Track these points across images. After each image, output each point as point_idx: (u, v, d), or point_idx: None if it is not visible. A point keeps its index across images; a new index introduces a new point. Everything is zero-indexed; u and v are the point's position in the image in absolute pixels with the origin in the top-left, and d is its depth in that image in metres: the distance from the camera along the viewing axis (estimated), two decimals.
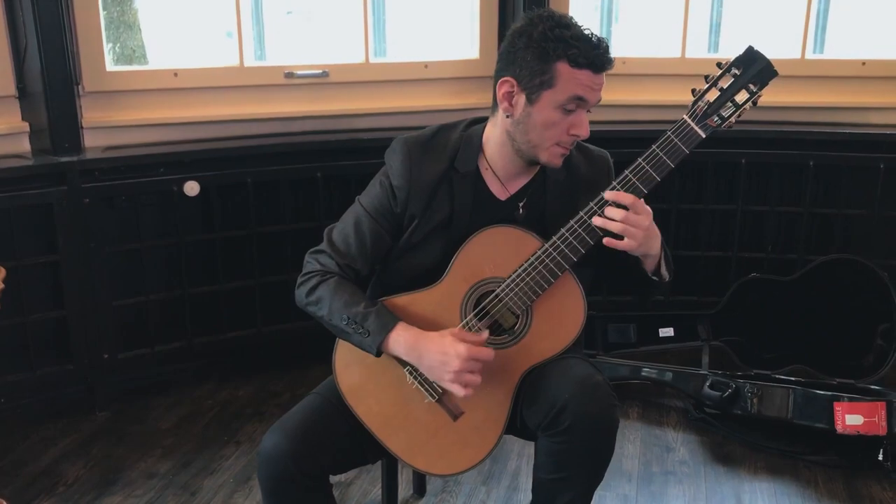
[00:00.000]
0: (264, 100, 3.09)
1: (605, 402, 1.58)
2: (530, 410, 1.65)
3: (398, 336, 1.63)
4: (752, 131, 3.22)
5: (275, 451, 1.64)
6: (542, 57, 1.59)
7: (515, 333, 1.68)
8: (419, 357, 1.62)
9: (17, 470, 2.58)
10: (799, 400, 2.65)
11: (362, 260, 1.74)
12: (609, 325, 3.21)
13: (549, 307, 1.67)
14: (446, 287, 1.69)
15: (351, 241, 1.74)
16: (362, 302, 1.67)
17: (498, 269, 1.67)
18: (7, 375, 2.76)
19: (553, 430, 1.59)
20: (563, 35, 1.58)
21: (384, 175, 1.76)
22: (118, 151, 2.86)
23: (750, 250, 3.32)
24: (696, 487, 2.52)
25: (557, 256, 1.63)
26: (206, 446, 2.71)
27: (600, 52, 1.60)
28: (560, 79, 1.59)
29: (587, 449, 1.59)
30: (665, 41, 3.41)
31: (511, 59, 1.63)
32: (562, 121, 1.63)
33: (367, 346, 1.65)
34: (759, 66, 1.63)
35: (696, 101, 1.64)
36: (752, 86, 1.64)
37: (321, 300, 1.69)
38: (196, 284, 2.99)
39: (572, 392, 1.57)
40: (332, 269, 1.72)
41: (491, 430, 1.68)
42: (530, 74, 1.61)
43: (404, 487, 2.48)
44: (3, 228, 2.66)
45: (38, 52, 2.64)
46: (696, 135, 1.62)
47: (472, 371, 1.59)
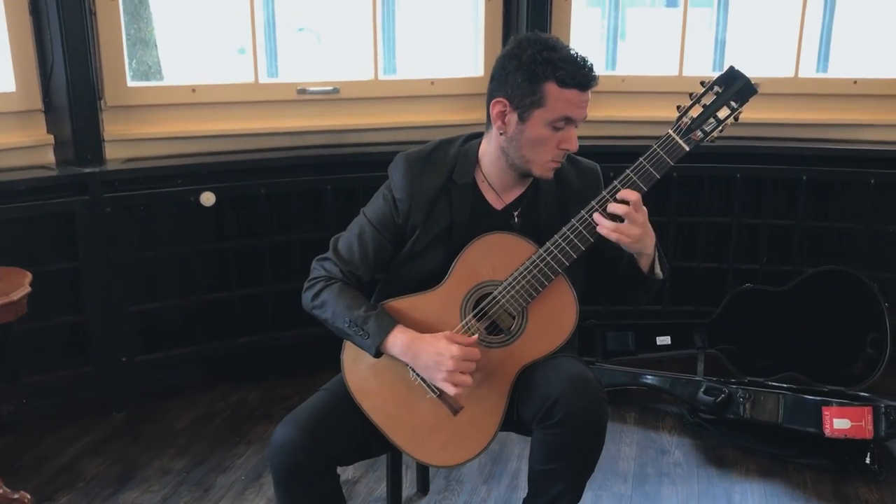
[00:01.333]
0: (277, 115, 3.22)
1: (594, 397, 1.70)
2: (525, 405, 1.76)
3: (395, 338, 1.75)
4: (747, 147, 3.34)
5: (286, 442, 1.75)
6: (531, 78, 1.71)
7: (512, 333, 1.79)
8: (415, 357, 1.74)
9: (38, 466, 2.69)
10: (789, 405, 2.74)
11: (364, 268, 1.86)
12: (608, 333, 3.32)
13: (543, 309, 1.78)
14: (447, 290, 1.81)
15: (354, 250, 1.86)
16: (363, 306, 1.78)
17: (495, 273, 1.78)
18: (29, 377, 2.88)
19: (546, 422, 1.70)
20: (551, 57, 1.69)
21: (387, 188, 1.88)
22: (138, 163, 2.99)
23: (745, 262, 3.42)
24: (688, 488, 2.61)
25: (551, 261, 1.74)
26: (218, 446, 2.82)
27: (585, 71, 1.71)
28: (549, 98, 1.71)
29: (578, 441, 1.70)
30: (672, 58, 3.51)
31: (502, 80, 1.75)
32: (552, 137, 1.75)
33: (367, 347, 1.76)
34: (740, 85, 1.76)
35: (680, 116, 1.76)
36: (733, 102, 1.76)
37: (325, 304, 1.81)
38: (210, 291, 3.11)
39: (564, 387, 1.68)
40: (336, 275, 1.85)
41: (489, 423, 1.79)
42: (521, 95, 1.73)
43: (408, 486, 2.59)
44: (28, 236, 2.79)
45: (64, 68, 2.77)
46: (681, 148, 1.74)
47: (463, 371, 1.70)
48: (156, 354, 3.08)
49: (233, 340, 3.17)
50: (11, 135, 2.85)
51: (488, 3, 3.33)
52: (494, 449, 2.79)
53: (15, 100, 2.83)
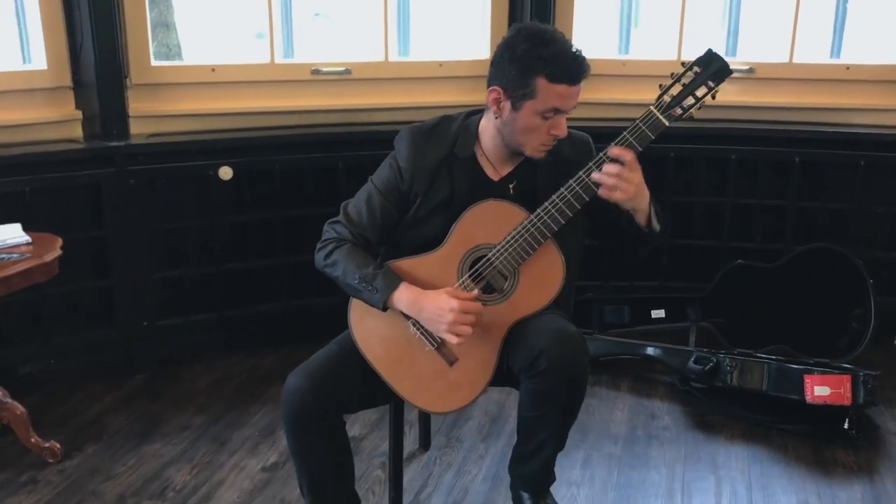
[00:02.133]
0: (292, 94, 3.38)
1: (576, 349, 1.86)
2: (514, 357, 1.93)
3: (401, 294, 1.91)
4: (742, 129, 3.47)
5: (297, 389, 1.92)
6: (524, 72, 1.84)
7: (504, 292, 1.95)
8: (419, 311, 1.91)
9: (67, 420, 2.88)
10: (773, 373, 2.89)
11: (372, 230, 2.02)
12: (605, 307, 3.47)
13: (533, 270, 1.94)
14: (445, 252, 1.97)
15: (363, 214, 2.02)
16: (372, 264, 1.95)
17: (490, 237, 1.94)
18: (57, 338, 3.07)
19: (531, 371, 1.86)
20: (543, 53, 1.81)
21: (393, 158, 2.04)
22: (161, 138, 3.16)
23: (739, 241, 3.56)
24: (675, 450, 2.77)
25: (541, 226, 1.90)
26: (235, 405, 3.00)
27: (575, 66, 1.84)
28: (540, 91, 1.85)
29: (560, 388, 1.86)
30: (689, 44, 3.60)
31: (498, 70, 1.89)
32: (542, 125, 1.90)
33: (375, 301, 1.93)
34: (717, 66, 1.90)
35: (661, 94, 1.90)
36: (710, 82, 1.90)
37: (336, 263, 1.97)
38: (228, 261, 3.29)
39: (548, 340, 1.84)
40: (346, 237, 2.01)
41: (481, 374, 1.96)
42: (514, 86, 1.87)
43: (411, 442, 2.76)
44: (58, 205, 2.97)
45: (92, 47, 2.94)
46: (661, 123, 1.89)
47: (464, 322, 1.86)
48: (177, 319, 3.26)
49: (250, 308, 3.35)
50: (42, 110, 3.03)
51: None
52: (493, 410, 2.97)
53: (46, 77, 3.01)
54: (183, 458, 2.67)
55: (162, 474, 2.59)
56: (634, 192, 1.86)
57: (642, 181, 1.88)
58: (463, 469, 2.64)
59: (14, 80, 2.98)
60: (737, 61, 3.57)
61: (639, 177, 1.86)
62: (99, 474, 2.58)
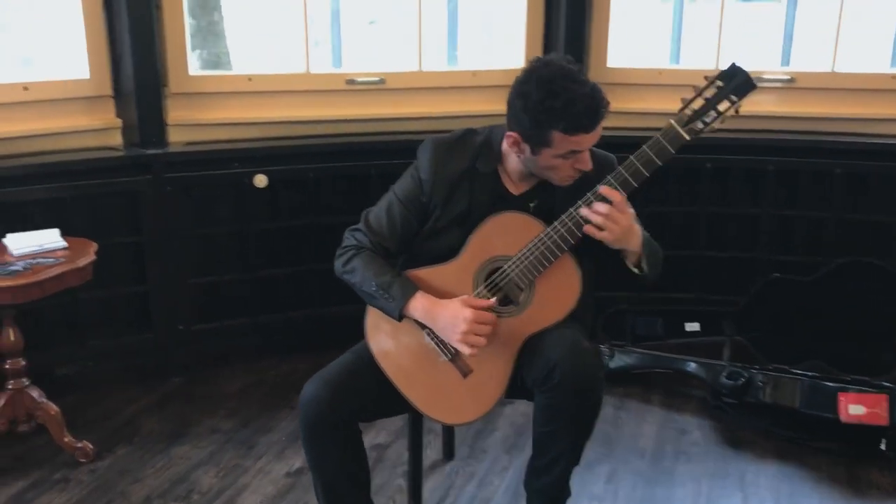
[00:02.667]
0: (327, 103, 3.41)
1: (590, 364, 1.84)
2: (528, 370, 1.92)
3: (416, 302, 1.92)
4: (781, 139, 3.41)
5: (313, 397, 1.94)
6: (537, 125, 1.82)
7: (520, 304, 1.95)
8: (433, 320, 1.91)
9: (101, 422, 2.95)
10: (807, 390, 2.83)
11: (391, 239, 2.03)
12: (637, 319, 3.43)
13: (549, 283, 1.93)
14: (462, 262, 1.97)
15: (383, 223, 2.04)
16: (389, 273, 1.96)
17: (507, 249, 1.94)
18: (94, 341, 3.14)
19: (545, 385, 1.85)
20: (555, 106, 1.78)
21: (415, 168, 2.06)
22: (197, 146, 3.22)
23: (779, 253, 3.49)
24: (703, 466, 2.73)
25: (557, 239, 1.89)
26: (265, 409, 3.04)
27: (590, 115, 1.80)
28: (556, 142, 1.83)
29: (574, 403, 1.85)
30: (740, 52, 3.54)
31: (514, 117, 1.87)
32: (565, 163, 1.89)
33: (391, 310, 1.94)
34: (740, 80, 1.88)
35: (682, 108, 1.88)
36: (733, 96, 1.87)
37: (355, 270, 1.99)
38: (262, 267, 3.33)
39: (562, 354, 1.83)
40: (365, 244, 2.03)
41: (495, 386, 1.96)
42: (529, 136, 1.86)
43: (434, 451, 2.76)
44: (97, 211, 3.04)
45: (132, 58, 3.02)
46: (681, 137, 1.87)
47: (477, 333, 1.86)
48: (211, 325, 3.32)
49: (282, 314, 3.39)
50: (84, 118, 3.12)
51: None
52: (519, 422, 2.95)
53: (88, 86, 3.10)
54: (210, 462, 2.72)
55: (189, 477, 2.63)
56: (621, 233, 1.84)
57: (632, 222, 1.87)
58: (485, 481, 2.64)
59: (57, 90, 3.07)
60: (777, 71, 3.51)
61: (628, 219, 1.85)
62: (128, 475, 2.63)
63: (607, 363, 3.29)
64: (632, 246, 1.91)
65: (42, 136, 3.02)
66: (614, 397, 3.17)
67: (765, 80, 3.49)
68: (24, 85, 2.99)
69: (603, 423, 2.96)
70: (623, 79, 3.55)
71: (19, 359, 2.61)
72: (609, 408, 3.10)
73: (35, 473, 2.63)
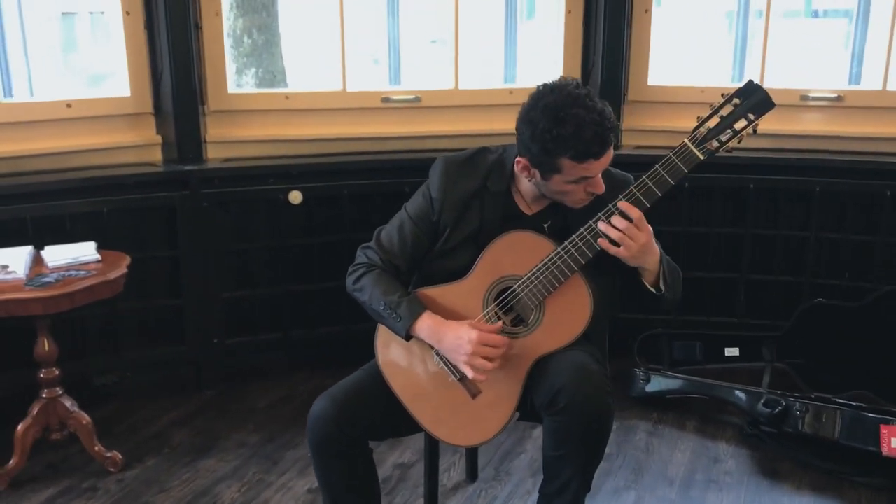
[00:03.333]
0: (363, 121, 3.44)
1: (597, 387, 1.79)
2: (536, 393, 1.88)
3: (423, 322, 1.90)
4: (828, 160, 3.30)
5: (322, 415, 1.94)
6: (546, 152, 1.79)
7: (529, 325, 1.91)
8: (440, 341, 1.89)
9: (132, 433, 3.00)
10: (847, 421, 2.71)
11: (402, 258, 2.02)
12: (675, 342, 3.35)
13: (559, 304, 1.89)
14: (472, 281, 1.95)
15: (394, 241, 2.03)
16: (398, 291, 1.95)
17: (517, 268, 1.91)
18: (130, 352, 3.20)
19: (551, 409, 1.81)
20: (562, 134, 1.75)
21: (426, 187, 2.04)
22: (234, 163, 3.27)
23: (823, 277, 3.37)
24: (735, 497, 2.63)
25: (568, 259, 1.85)
26: (293, 424, 3.05)
27: (598, 143, 1.77)
28: (566, 169, 1.81)
29: (581, 428, 1.80)
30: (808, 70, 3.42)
31: (522, 143, 1.85)
32: (577, 188, 1.86)
33: (399, 329, 1.92)
34: (758, 98, 1.81)
35: (697, 126, 1.83)
36: (750, 115, 1.82)
37: (364, 288, 1.98)
38: (295, 282, 3.36)
39: (569, 377, 1.79)
40: (376, 262, 2.02)
41: (503, 409, 1.92)
42: (539, 163, 1.83)
43: (459, 473, 2.73)
44: (135, 225, 3.11)
45: (171, 76, 3.09)
46: (695, 156, 1.81)
47: (484, 356, 1.83)
48: (244, 339, 3.35)
49: (314, 330, 3.41)
50: (125, 134, 3.20)
51: (569, 15, 3.44)
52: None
53: (129, 104, 3.18)
54: (234, 476, 2.73)
55: (212, 490, 2.65)
56: (639, 250, 1.80)
57: (650, 240, 1.82)
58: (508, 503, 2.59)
59: (99, 107, 3.16)
60: (825, 89, 3.40)
61: (645, 236, 1.80)
62: (154, 486, 2.67)
63: (643, 387, 3.22)
64: (649, 265, 1.86)
65: (84, 152, 3.10)
66: (648, 422, 3.10)
67: (811, 98, 3.39)
68: (68, 102, 3.08)
69: (634, 450, 2.90)
70: (664, 97, 3.49)
71: (53, 368, 2.67)
72: (642, 433, 3.02)
73: (65, 481, 2.68)
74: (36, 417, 2.67)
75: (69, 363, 2.81)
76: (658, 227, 1.89)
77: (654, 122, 3.47)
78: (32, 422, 2.66)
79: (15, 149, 2.97)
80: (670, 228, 3.35)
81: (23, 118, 3.02)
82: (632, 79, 3.49)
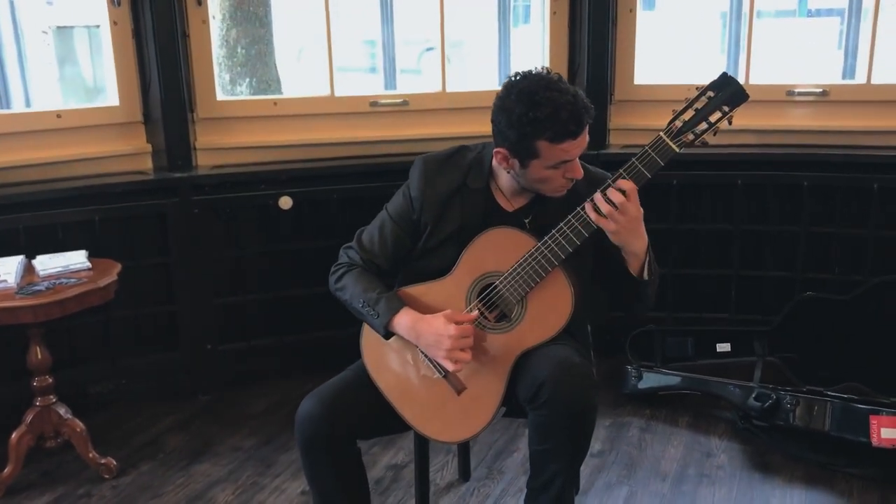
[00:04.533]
0: (351, 126, 3.45)
1: (578, 381, 1.80)
2: (519, 387, 1.89)
3: (401, 318, 1.92)
4: (816, 154, 3.31)
5: (310, 414, 1.95)
6: (523, 137, 1.81)
7: (512, 321, 1.93)
8: (417, 337, 1.90)
9: (127, 439, 3.02)
10: (837, 413, 2.72)
11: (383, 257, 2.04)
12: (668, 339, 3.36)
13: (541, 299, 1.90)
14: (454, 279, 1.97)
15: (375, 241, 2.05)
16: (377, 289, 1.97)
17: (499, 265, 1.92)
18: (124, 360, 3.22)
19: (534, 403, 1.82)
20: (538, 117, 1.77)
21: (406, 186, 2.06)
22: (224, 169, 3.29)
23: (815, 271, 3.37)
24: (727, 490, 2.64)
25: (548, 253, 1.87)
26: (287, 428, 3.05)
27: (575, 121, 1.78)
28: (543, 152, 1.82)
29: (564, 422, 1.81)
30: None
31: (499, 133, 1.86)
32: (556, 173, 1.87)
33: (377, 326, 1.94)
34: (732, 90, 1.83)
35: (672, 120, 1.84)
36: (725, 107, 1.83)
37: (345, 287, 2.00)
38: (287, 287, 3.37)
39: (551, 371, 1.80)
40: (357, 262, 2.04)
41: (488, 404, 1.93)
42: (517, 150, 1.84)
43: (451, 472, 2.74)
44: (126, 233, 3.13)
45: (159, 85, 3.11)
46: (670, 149, 1.83)
47: (462, 348, 1.85)
48: (238, 344, 3.37)
49: (308, 335, 3.42)
50: (115, 143, 3.22)
51: (553, 16, 3.46)
52: None
53: (118, 113, 3.20)
54: (229, 479, 2.75)
55: (206, 494, 2.66)
56: (627, 225, 1.81)
57: (638, 218, 1.82)
58: (500, 502, 2.60)
59: (89, 116, 3.18)
60: (810, 84, 3.42)
61: (635, 211, 1.81)
62: (148, 491, 2.68)
63: (635, 384, 3.23)
64: (636, 248, 1.87)
65: (74, 162, 3.12)
66: (640, 419, 3.11)
67: (797, 93, 3.41)
68: (58, 112, 3.10)
69: (626, 446, 2.91)
70: (651, 95, 3.50)
71: (46, 376, 2.69)
72: (634, 429, 3.03)
73: (60, 488, 2.70)
74: (30, 425, 2.69)
75: (64, 371, 2.83)
76: (647, 226, 1.90)
77: (642, 121, 3.48)
78: (27, 429, 2.67)
79: (6, 159, 2.99)
80: (659, 226, 3.36)
81: (14, 129, 3.04)
82: (618, 78, 3.51)
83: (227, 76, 5.66)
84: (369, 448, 2.85)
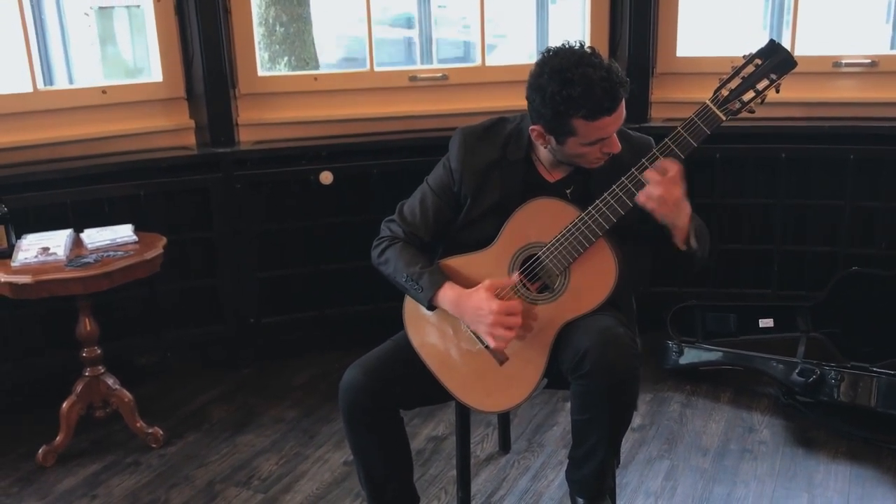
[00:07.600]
0: (391, 101, 3.46)
1: (622, 351, 1.80)
2: (562, 358, 1.89)
3: (445, 293, 1.92)
4: (862, 127, 3.25)
5: (353, 383, 1.97)
6: (558, 115, 1.79)
7: (555, 292, 1.92)
8: (461, 312, 1.91)
9: (173, 410, 3.08)
10: (883, 388, 2.68)
11: (425, 230, 2.04)
12: (708, 314, 3.33)
13: (584, 270, 1.90)
14: (496, 250, 1.97)
15: (416, 213, 2.05)
16: (420, 263, 1.97)
17: (541, 235, 1.92)
18: (169, 333, 3.27)
19: (577, 373, 1.82)
20: (572, 95, 1.75)
21: (446, 158, 2.06)
22: (266, 145, 3.31)
23: (859, 246, 3.32)
24: (769, 465, 2.62)
25: (592, 224, 1.86)
26: (328, 400, 3.10)
27: (609, 98, 1.76)
28: (580, 129, 1.80)
29: (606, 392, 1.81)
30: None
31: (534, 111, 1.85)
32: (593, 149, 1.86)
33: (420, 300, 1.95)
34: (780, 58, 1.80)
35: (718, 88, 1.82)
36: (772, 75, 1.80)
37: (388, 261, 2.01)
38: (328, 261, 3.40)
39: (594, 341, 1.80)
40: (399, 235, 2.05)
41: (531, 375, 1.94)
42: (553, 126, 1.83)
43: (492, 444, 2.76)
44: (170, 208, 3.17)
45: (202, 61, 3.14)
46: (717, 117, 1.80)
47: (504, 325, 1.84)
48: (280, 318, 3.41)
49: (348, 308, 3.45)
50: (159, 119, 3.26)
51: None
52: None
53: (161, 89, 3.24)
54: (272, 449, 2.79)
55: (250, 463, 2.71)
56: (673, 205, 1.78)
57: (682, 196, 1.80)
58: (540, 474, 2.61)
59: (132, 92, 3.22)
60: (857, 55, 3.35)
61: (679, 191, 1.79)
62: (194, 460, 2.73)
63: (676, 359, 3.21)
64: (680, 221, 1.84)
65: (119, 138, 3.17)
66: (682, 394, 3.09)
67: (844, 64, 3.34)
68: (103, 89, 3.14)
69: (667, 420, 2.90)
70: (693, 68, 3.46)
71: (95, 347, 2.75)
72: (675, 404, 3.02)
73: (109, 457, 2.77)
74: (80, 395, 2.75)
75: (111, 344, 2.88)
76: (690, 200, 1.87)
77: (684, 94, 3.43)
78: (77, 399, 2.74)
79: (53, 135, 3.05)
80: (703, 201, 3.33)
81: (60, 105, 3.10)
82: (660, 51, 3.47)
83: (266, 54, 5.71)
84: (410, 420, 2.88)
